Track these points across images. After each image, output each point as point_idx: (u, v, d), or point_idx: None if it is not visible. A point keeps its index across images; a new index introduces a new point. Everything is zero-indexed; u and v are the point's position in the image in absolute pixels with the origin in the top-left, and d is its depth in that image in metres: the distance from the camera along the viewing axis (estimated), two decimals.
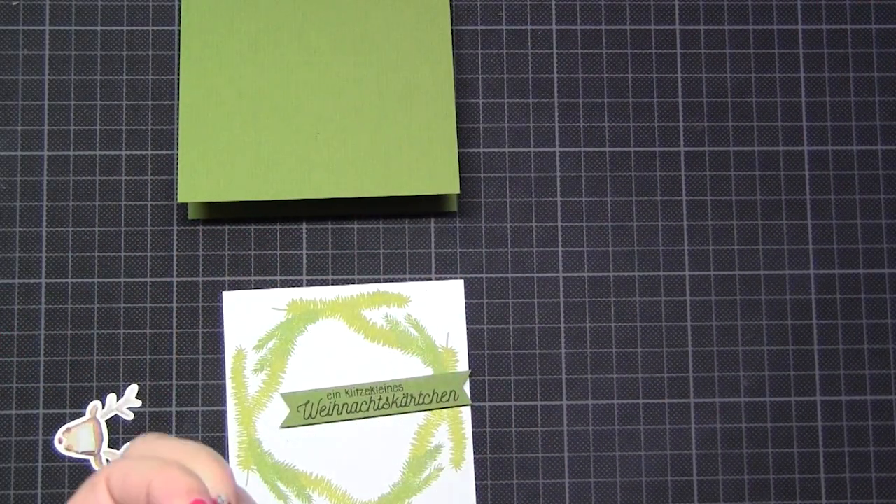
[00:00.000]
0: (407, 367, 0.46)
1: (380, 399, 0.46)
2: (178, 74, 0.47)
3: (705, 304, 0.48)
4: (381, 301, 0.46)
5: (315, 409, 0.45)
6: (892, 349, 0.48)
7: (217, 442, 0.45)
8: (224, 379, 0.46)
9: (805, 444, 0.47)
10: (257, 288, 0.46)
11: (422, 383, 0.46)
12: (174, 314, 0.46)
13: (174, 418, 0.45)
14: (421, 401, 0.46)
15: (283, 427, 0.45)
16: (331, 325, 0.46)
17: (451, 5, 0.48)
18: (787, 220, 0.48)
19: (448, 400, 0.46)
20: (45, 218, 0.47)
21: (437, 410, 0.46)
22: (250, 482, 0.45)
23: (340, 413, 0.45)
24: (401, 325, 0.46)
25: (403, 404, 0.46)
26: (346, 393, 0.45)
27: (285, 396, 0.45)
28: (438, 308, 0.46)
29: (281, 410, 0.45)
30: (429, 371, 0.46)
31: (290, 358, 0.46)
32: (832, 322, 0.48)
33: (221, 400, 0.46)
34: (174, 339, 0.46)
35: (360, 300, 0.46)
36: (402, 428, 0.46)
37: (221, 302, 0.46)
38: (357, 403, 0.45)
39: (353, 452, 0.45)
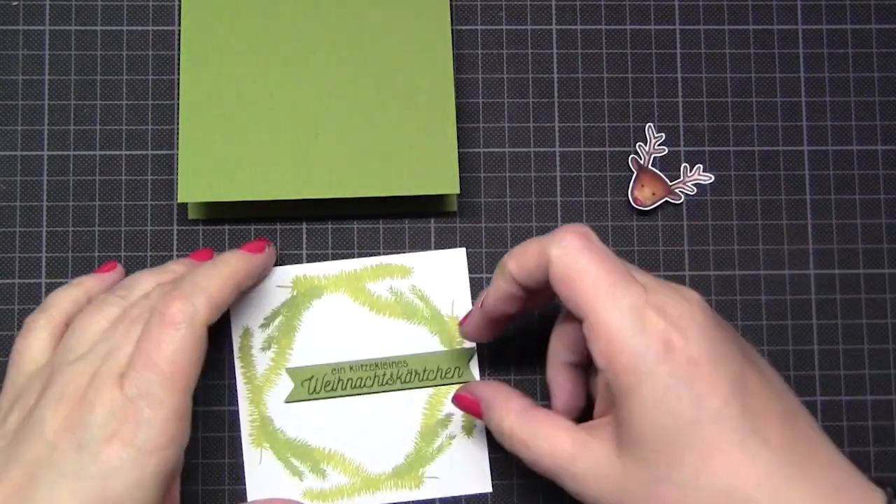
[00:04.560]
0: (413, 336, 0.46)
1: (384, 375, 0.45)
2: (178, 74, 0.47)
3: None
4: (384, 273, 0.46)
5: (319, 384, 0.45)
6: (891, 349, 0.48)
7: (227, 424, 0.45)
8: (224, 379, 0.46)
9: None
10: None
11: (427, 360, 0.46)
12: None
13: None
14: (425, 377, 0.46)
15: (287, 402, 0.45)
16: (336, 299, 0.46)
17: (451, 5, 0.48)
18: (786, 220, 0.48)
19: (453, 377, 0.46)
20: (45, 218, 0.47)
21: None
22: (264, 459, 0.45)
23: (345, 388, 0.45)
24: (405, 295, 0.46)
25: (408, 380, 0.46)
26: (351, 368, 0.45)
27: (290, 371, 0.45)
28: (442, 277, 0.46)
29: (290, 387, 0.45)
30: (435, 340, 0.46)
31: (297, 334, 0.46)
32: (832, 322, 0.48)
33: (222, 401, 0.46)
34: None
35: (364, 273, 0.46)
36: (412, 399, 0.46)
37: None
38: (361, 379, 0.45)
39: (364, 425, 0.45)
